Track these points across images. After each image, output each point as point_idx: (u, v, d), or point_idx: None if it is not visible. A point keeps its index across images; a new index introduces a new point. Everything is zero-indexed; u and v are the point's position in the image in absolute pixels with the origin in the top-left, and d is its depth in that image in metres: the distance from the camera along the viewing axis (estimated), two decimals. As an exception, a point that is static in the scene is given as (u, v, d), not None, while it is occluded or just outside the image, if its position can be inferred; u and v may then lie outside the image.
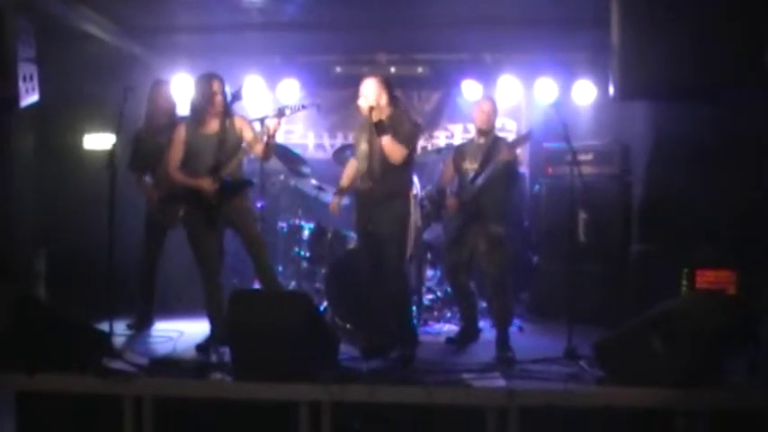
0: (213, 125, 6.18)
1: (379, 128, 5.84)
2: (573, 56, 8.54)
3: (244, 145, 6.17)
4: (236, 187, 6.18)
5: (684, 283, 6.27)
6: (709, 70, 5.29)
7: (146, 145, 6.91)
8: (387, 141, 5.83)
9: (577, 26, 7.37)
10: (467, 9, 7.21)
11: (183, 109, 6.86)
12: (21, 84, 5.70)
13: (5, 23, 5.57)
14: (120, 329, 6.34)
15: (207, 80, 6.16)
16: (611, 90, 5.50)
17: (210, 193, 6.07)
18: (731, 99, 5.85)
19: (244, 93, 6.29)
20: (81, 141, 7.65)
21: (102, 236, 5.89)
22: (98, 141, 7.59)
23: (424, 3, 7.05)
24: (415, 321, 6.53)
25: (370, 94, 5.93)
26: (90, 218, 7.00)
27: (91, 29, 7.25)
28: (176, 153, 6.19)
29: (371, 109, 5.88)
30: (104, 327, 5.67)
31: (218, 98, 6.13)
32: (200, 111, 6.18)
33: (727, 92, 5.55)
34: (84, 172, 7.29)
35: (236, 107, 6.46)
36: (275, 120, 6.10)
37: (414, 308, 6.68)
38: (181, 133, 6.19)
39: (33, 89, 5.88)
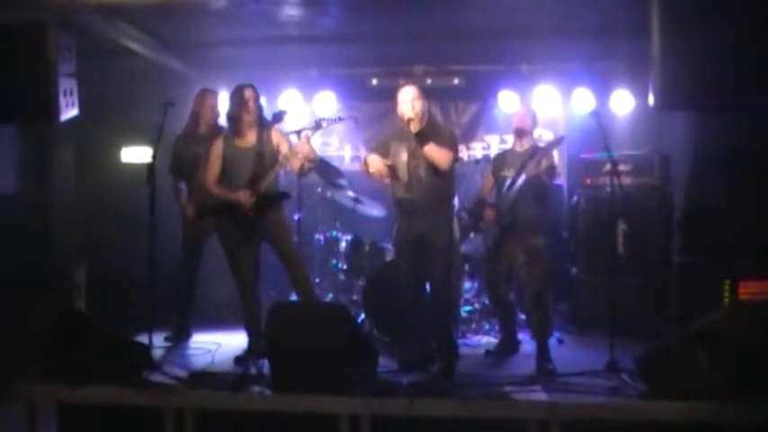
0: (250, 138, 6.20)
1: (421, 137, 5.83)
2: (610, 65, 8.48)
3: (280, 158, 6.17)
4: (272, 200, 6.20)
5: (727, 294, 6.19)
6: (749, 79, 5.22)
7: (184, 151, 6.96)
8: (432, 149, 5.82)
9: (615, 35, 7.31)
10: (502, 19, 7.19)
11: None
12: (61, 98, 5.76)
13: (47, 39, 5.63)
14: (158, 342, 6.36)
15: (239, 89, 6.22)
16: (651, 99, 5.44)
17: (247, 206, 6.09)
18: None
19: (285, 116, 6.28)
20: (120, 155, 7.72)
21: (140, 248, 5.93)
22: (136, 155, 7.66)
23: (459, 14, 7.04)
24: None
25: (410, 100, 5.92)
26: (129, 231, 7.06)
27: (130, 44, 7.31)
28: (214, 167, 6.22)
29: (410, 120, 5.87)
30: (143, 339, 5.69)
31: (251, 105, 6.16)
32: (235, 121, 6.21)
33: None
34: (123, 185, 7.36)
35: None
36: (309, 133, 6.11)
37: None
38: (219, 147, 6.23)
39: (73, 104, 5.94)
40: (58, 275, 6.78)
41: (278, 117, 6.19)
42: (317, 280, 7.70)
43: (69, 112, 5.94)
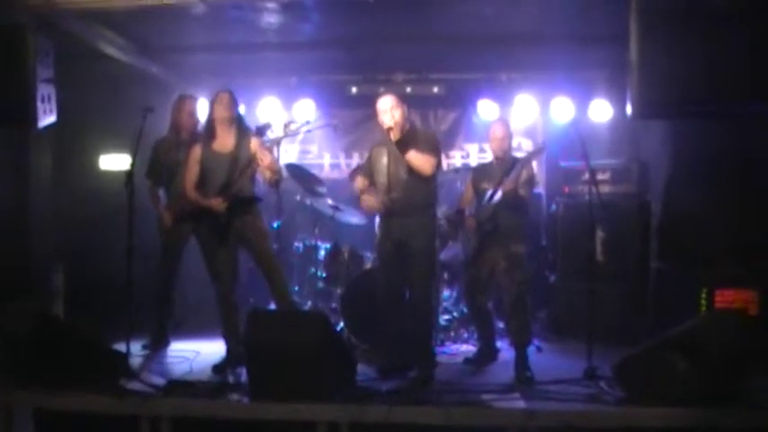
0: (228, 143, 6.20)
1: (401, 145, 5.84)
2: (589, 74, 8.53)
3: (253, 164, 6.16)
4: (245, 203, 6.18)
5: (704, 302, 6.22)
6: (727, 87, 5.26)
7: (162, 157, 6.93)
8: (413, 156, 5.84)
9: (594, 43, 7.36)
10: (483, 28, 7.22)
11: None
12: (39, 104, 5.72)
13: (26, 43, 5.60)
14: (136, 349, 6.32)
15: (214, 94, 6.27)
16: (629, 108, 5.47)
17: (220, 211, 6.08)
18: (750, 116, 5.80)
19: (269, 130, 6.27)
20: (99, 160, 7.69)
21: (118, 254, 5.88)
22: (114, 162, 7.63)
23: (440, 22, 7.07)
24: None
25: (389, 109, 5.93)
26: (108, 235, 7.00)
27: (109, 49, 7.29)
28: (192, 172, 6.21)
29: (390, 129, 5.88)
30: (121, 346, 5.65)
31: (224, 108, 6.18)
32: (209, 125, 6.25)
33: (746, 109, 5.50)
34: (102, 190, 7.33)
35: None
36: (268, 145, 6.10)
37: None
38: (197, 152, 6.22)
39: (51, 110, 5.91)
40: (35, 280, 6.73)
41: (261, 130, 6.16)
42: (296, 288, 7.69)
43: (47, 118, 5.90)
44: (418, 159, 5.87)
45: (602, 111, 8.45)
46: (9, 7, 5.86)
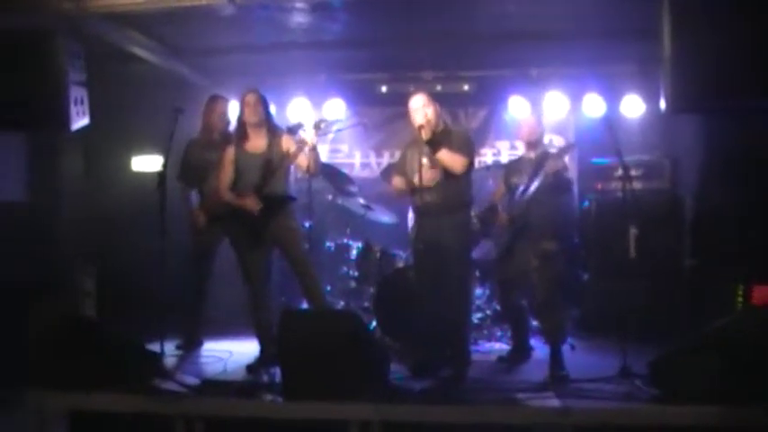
0: (260, 144, 6.22)
1: (433, 144, 5.82)
2: (621, 68, 8.45)
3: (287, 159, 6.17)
4: (278, 203, 6.18)
5: (740, 299, 6.15)
6: (761, 81, 5.18)
7: (194, 158, 6.96)
8: (444, 154, 5.82)
9: (625, 38, 7.29)
10: (512, 24, 7.18)
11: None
12: (72, 107, 5.76)
13: (57, 47, 5.65)
14: (169, 350, 6.35)
15: (242, 95, 6.30)
16: (663, 104, 5.41)
17: (254, 212, 6.08)
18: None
19: (301, 129, 6.26)
20: (130, 162, 7.73)
21: (151, 255, 5.92)
22: (146, 163, 7.67)
23: (468, 19, 7.03)
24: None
25: (420, 108, 5.91)
26: (140, 238, 7.06)
27: (139, 51, 7.33)
28: (227, 174, 6.24)
29: (421, 128, 5.86)
30: (155, 347, 5.68)
31: (253, 109, 6.21)
32: (240, 126, 6.28)
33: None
34: (134, 192, 7.36)
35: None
36: (312, 131, 6.07)
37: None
38: (230, 153, 6.26)
39: (84, 112, 5.94)
40: (67, 282, 6.79)
41: (293, 130, 6.16)
42: (328, 287, 7.68)
43: (80, 120, 5.94)
44: (449, 158, 5.85)
45: (633, 106, 8.38)
46: (40, 12, 5.90)
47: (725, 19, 5.15)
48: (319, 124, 6.16)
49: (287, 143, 6.20)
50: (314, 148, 6.08)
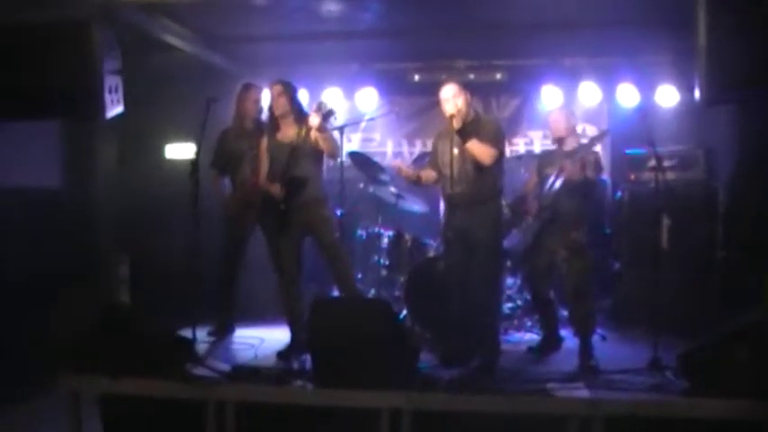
0: (290, 133, 6.27)
1: (463, 134, 5.81)
2: (655, 59, 8.37)
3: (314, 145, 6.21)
4: (297, 185, 6.18)
5: (771, 291, 6.10)
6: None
7: (227, 147, 7.01)
8: (474, 145, 5.80)
9: (659, 28, 7.21)
10: (545, 13, 7.13)
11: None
12: (106, 95, 5.81)
13: (92, 36, 5.68)
14: (201, 336, 6.41)
15: (270, 85, 6.41)
16: (698, 94, 5.36)
17: (279, 198, 6.13)
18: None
19: (333, 116, 6.28)
20: (163, 150, 7.79)
21: (184, 243, 5.97)
22: (179, 151, 7.72)
23: (502, 8, 7.00)
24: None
25: (451, 98, 5.91)
26: (173, 226, 7.12)
27: (173, 40, 7.37)
28: (264, 165, 6.32)
29: (452, 117, 5.85)
30: (187, 334, 5.74)
31: (278, 100, 6.29)
32: (269, 116, 6.40)
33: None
34: (167, 180, 7.42)
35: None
36: (314, 114, 6.10)
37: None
38: (265, 142, 6.32)
39: (118, 101, 5.98)
40: (101, 269, 6.86)
41: (325, 117, 6.18)
42: (359, 275, 7.70)
43: (115, 109, 5.98)
44: (478, 149, 5.83)
45: (668, 96, 8.32)
46: (74, 2, 5.95)
47: (760, 9, 5.09)
48: (319, 106, 6.17)
49: (312, 120, 6.20)
50: (321, 130, 6.11)
